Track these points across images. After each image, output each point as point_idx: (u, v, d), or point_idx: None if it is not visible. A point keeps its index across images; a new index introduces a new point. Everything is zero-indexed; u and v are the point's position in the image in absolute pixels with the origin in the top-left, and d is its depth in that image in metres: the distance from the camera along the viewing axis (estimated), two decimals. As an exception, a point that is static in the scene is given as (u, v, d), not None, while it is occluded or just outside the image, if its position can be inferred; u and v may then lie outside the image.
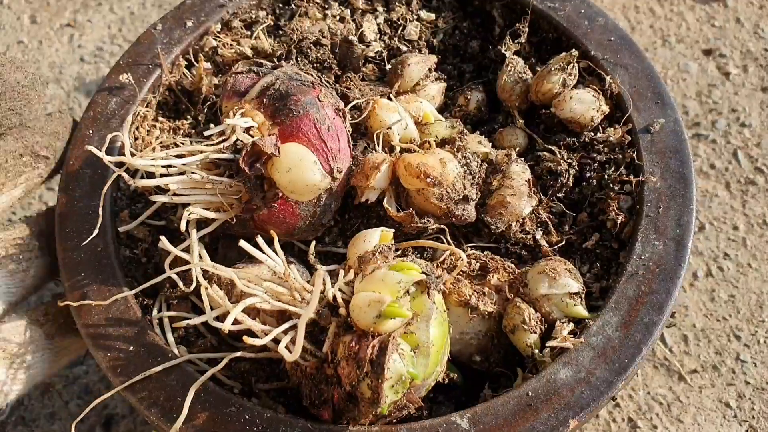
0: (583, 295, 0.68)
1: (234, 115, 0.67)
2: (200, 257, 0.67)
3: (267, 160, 0.66)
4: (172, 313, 0.70)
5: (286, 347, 0.59)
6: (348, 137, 0.71)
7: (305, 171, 0.66)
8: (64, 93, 1.36)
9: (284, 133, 0.67)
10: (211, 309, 0.62)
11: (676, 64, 1.34)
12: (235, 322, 0.60)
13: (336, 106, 0.70)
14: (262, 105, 0.68)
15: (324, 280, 0.63)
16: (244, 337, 0.58)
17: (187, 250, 0.66)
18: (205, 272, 0.66)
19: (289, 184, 0.67)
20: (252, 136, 0.67)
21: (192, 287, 0.67)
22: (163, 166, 0.65)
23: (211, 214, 0.68)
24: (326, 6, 0.89)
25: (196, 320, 0.62)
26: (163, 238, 0.64)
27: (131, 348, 0.67)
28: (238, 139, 0.66)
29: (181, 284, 0.68)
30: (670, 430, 1.01)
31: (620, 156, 0.76)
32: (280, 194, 0.68)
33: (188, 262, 0.72)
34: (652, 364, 1.06)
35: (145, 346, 0.67)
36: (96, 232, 0.70)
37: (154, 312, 0.71)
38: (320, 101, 0.68)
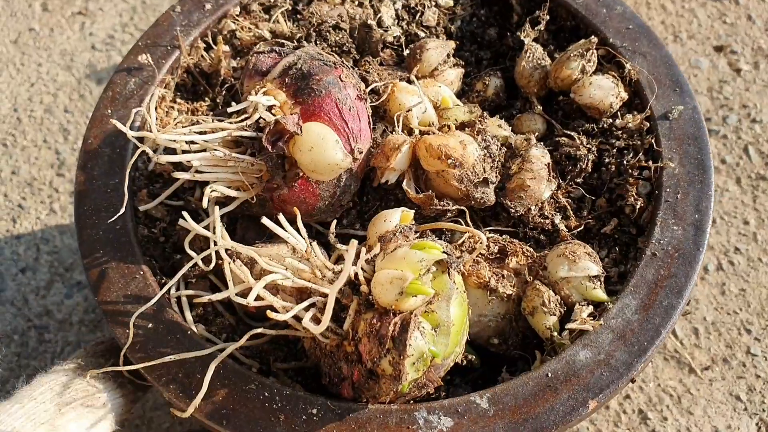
0: (602, 279, 0.68)
1: (256, 93, 0.67)
2: (222, 236, 0.66)
3: (289, 139, 0.66)
4: (190, 292, 0.70)
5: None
6: (369, 118, 0.71)
7: (327, 150, 0.66)
8: (75, 80, 1.36)
9: (306, 112, 0.67)
10: (234, 286, 0.62)
11: (688, 60, 1.34)
12: (257, 298, 0.60)
13: (357, 87, 0.70)
14: (284, 84, 0.68)
15: (344, 257, 0.63)
16: (268, 312, 0.59)
17: (207, 228, 0.66)
18: (226, 251, 0.66)
19: (310, 163, 0.67)
20: (274, 115, 0.67)
21: (211, 266, 0.67)
22: (186, 143, 0.65)
23: (232, 192, 0.68)
24: (345, -9, 0.89)
25: (217, 296, 0.62)
26: (186, 214, 0.64)
27: (150, 325, 0.67)
28: (260, 118, 0.66)
29: (200, 263, 0.68)
30: (680, 421, 1.01)
31: (639, 142, 0.76)
32: (301, 173, 0.68)
33: (207, 241, 0.72)
34: (663, 356, 1.06)
35: (163, 324, 0.67)
36: (122, 210, 0.70)
37: (173, 290, 0.71)
38: (342, 81, 0.68)
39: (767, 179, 1.20)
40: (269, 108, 0.67)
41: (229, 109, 0.67)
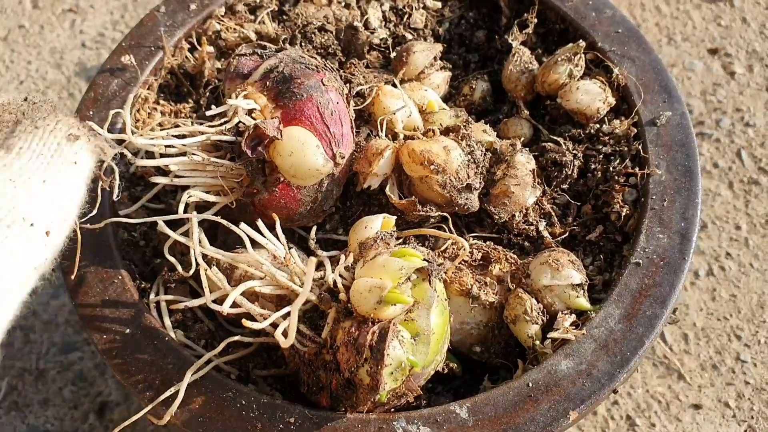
0: (585, 287, 0.68)
1: (237, 96, 0.66)
2: (200, 241, 0.66)
3: (269, 144, 0.66)
4: (169, 297, 0.69)
5: (283, 333, 0.59)
6: (351, 123, 0.70)
7: (307, 155, 0.66)
8: (65, 78, 1.35)
9: (287, 116, 0.66)
10: (210, 292, 0.61)
11: (681, 63, 1.33)
12: (234, 305, 0.59)
13: (340, 91, 0.69)
14: (265, 88, 0.67)
15: (324, 264, 0.63)
16: (243, 321, 0.58)
17: (186, 233, 0.66)
18: (204, 256, 0.65)
19: (290, 168, 0.66)
20: (254, 119, 0.66)
21: (191, 271, 0.67)
22: (165, 146, 0.64)
23: (211, 197, 0.67)
24: (331, -8, 0.88)
25: (194, 302, 0.61)
26: (161, 221, 0.63)
27: (127, 330, 0.66)
28: (240, 122, 0.65)
29: (179, 268, 0.67)
30: (669, 428, 1.00)
31: (626, 148, 0.75)
32: (282, 178, 0.67)
33: (187, 246, 0.71)
34: (651, 362, 1.05)
35: (141, 329, 0.66)
36: (105, 221, 0.67)
37: (152, 295, 0.70)
38: (324, 85, 0.67)
39: (760, 184, 1.19)
40: (249, 112, 0.66)
41: (208, 113, 0.66)
